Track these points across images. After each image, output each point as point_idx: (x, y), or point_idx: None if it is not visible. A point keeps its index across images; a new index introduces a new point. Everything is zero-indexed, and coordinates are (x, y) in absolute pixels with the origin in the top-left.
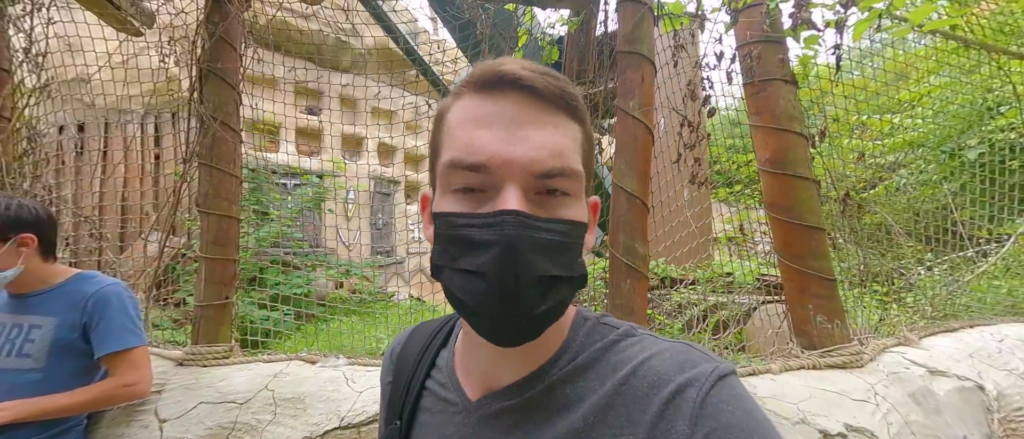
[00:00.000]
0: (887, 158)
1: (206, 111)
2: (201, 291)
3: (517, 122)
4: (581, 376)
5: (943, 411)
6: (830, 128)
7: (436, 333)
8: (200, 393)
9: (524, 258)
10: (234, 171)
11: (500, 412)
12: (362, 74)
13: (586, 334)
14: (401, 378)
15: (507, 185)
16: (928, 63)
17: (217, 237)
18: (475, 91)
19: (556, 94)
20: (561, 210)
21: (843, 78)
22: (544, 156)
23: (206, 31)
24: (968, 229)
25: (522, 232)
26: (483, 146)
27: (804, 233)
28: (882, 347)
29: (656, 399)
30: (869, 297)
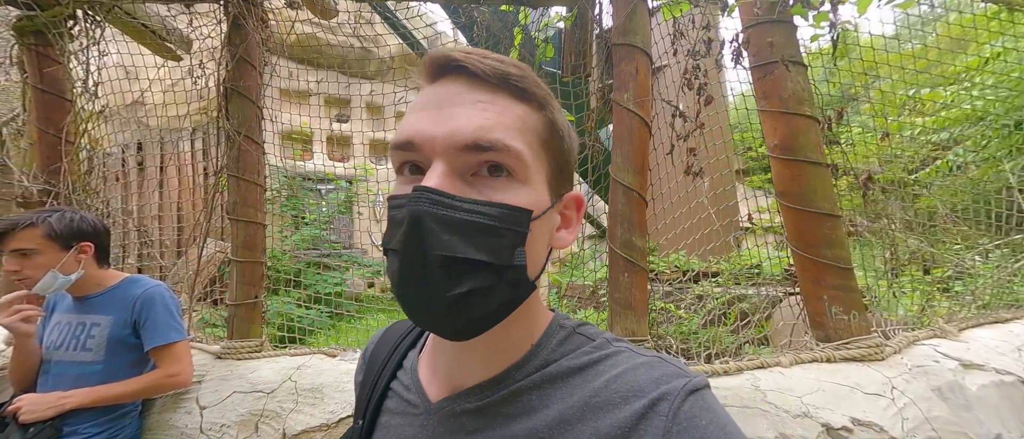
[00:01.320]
0: (940, 135)
1: (231, 126)
2: (234, 291)
3: (448, 102)
4: (550, 384)
5: (974, 407)
6: (878, 105)
7: (407, 333)
8: (234, 384)
9: (430, 235)
10: (258, 180)
11: (460, 414)
12: (387, 80)
13: (560, 342)
14: (370, 377)
15: (432, 163)
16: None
17: (246, 242)
18: (424, 80)
19: (492, 73)
20: (498, 194)
21: (899, 48)
22: (467, 129)
23: (228, 53)
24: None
25: (431, 208)
26: (413, 126)
27: (817, 221)
28: (912, 340)
29: (628, 412)
30: (911, 287)
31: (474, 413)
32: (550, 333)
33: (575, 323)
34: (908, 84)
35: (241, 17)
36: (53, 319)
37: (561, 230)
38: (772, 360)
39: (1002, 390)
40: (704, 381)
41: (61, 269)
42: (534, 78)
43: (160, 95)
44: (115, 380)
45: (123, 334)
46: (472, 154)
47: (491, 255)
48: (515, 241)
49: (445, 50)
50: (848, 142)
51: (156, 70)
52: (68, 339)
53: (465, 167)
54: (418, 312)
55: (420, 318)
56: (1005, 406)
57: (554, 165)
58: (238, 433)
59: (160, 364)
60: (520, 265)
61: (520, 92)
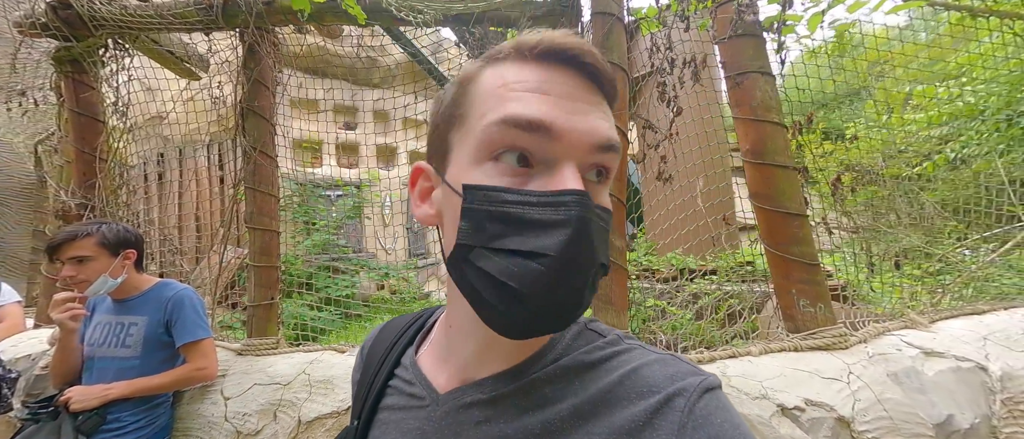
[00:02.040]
0: (941, 130)
1: (248, 143)
2: (252, 294)
3: (574, 97)
4: (564, 379)
5: (928, 391)
6: (880, 103)
7: (404, 330)
8: (254, 377)
9: (589, 243)
10: (273, 192)
11: (471, 405)
12: (393, 88)
13: (573, 337)
14: (367, 376)
15: (564, 162)
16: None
17: (262, 248)
18: (521, 59)
19: (609, 78)
20: (601, 196)
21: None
22: (602, 128)
23: (244, 76)
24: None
25: (592, 216)
26: (543, 109)
27: (786, 220)
28: (881, 330)
29: (643, 408)
30: (896, 280)
31: (486, 404)
32: None
33: (585, 319)
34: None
35: (256, 44)
36: (94, 320)
37: None
38: (743, 350)
39: (959, 375)
40: (718, 380)
41: (111, 273)
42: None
43: (180, 108)
44: (151, 374)
45: (157, 332)
46: (599, 155)
47: (607, 259)
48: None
49: (562, 37)
50: (850, 138)
51: (174, 85)
52: (109, 337)
53: (586, 168)
54: (536, 319)
55: (531, 323)
56: (961, 390)
57: None
58: (259, 421)
59: (189, 359)
60: (606, 264)
61: (613, 101)
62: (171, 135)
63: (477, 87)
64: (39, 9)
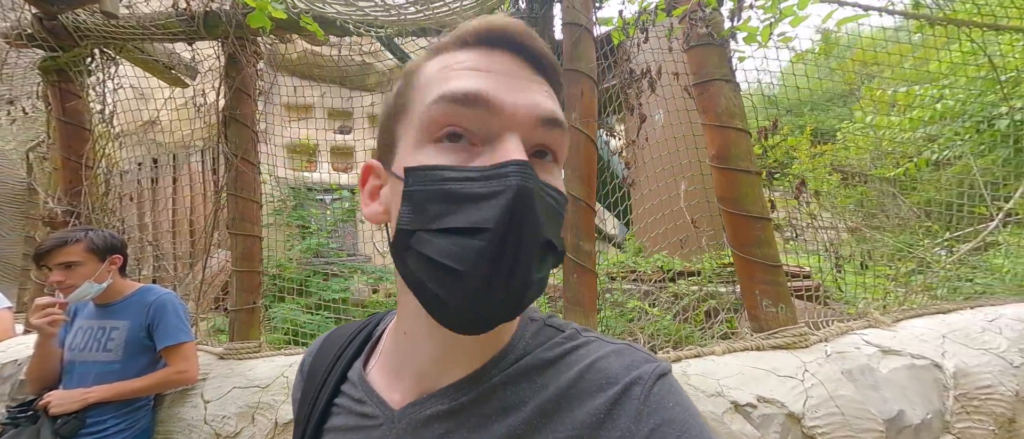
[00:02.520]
0: (916, 134)
1: (230, 150)
2: (234, 298)
3: (512, 75)
4: (524, 379)
5: (881, 387)
6: (866, 104)
7: (349, 341)
8: (234, 380)
9: (532, 214)
10: (254, 198)
11: (430, 419)
12: (387, 91)
13: (532, 335)
14: (308, 395)
15: (507, 135)
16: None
17: (244, 253)
18: (462, 47)
19: (549, 62)
20: (552, 178)
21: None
22: (544, 103)
23: (226, 84)
24: (996, 205)
25: (536, 186)
26: (480, 85)
27: (749, 223)
28: (843, 330)
29: (603, 400)
30: (868, 278)
31: (446, 415)
32: (524, 325)
33: (543, 315)
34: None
35: (236, 54)
36: (76, 324)
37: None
38: (707, 350)
39: (913, 372)
40: (669, 366)
41: (96, 279)
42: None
43: (172, 114)
44: (132, 378)
45: (139, 336)
46: (543, 130)
47: (558, 241)
48: (562, 226)
49: (503, 21)
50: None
51: (165, 91)
52: (91, 341)
53: (531, 144)
54: (481, 301)
55: (478, 304)
56: (913, 387)
57: None
58: (237, 423)
59: (170, 362)
60: (563, 251)
61: (558, 83)
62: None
63: (420, 77)
64: (25, 20)
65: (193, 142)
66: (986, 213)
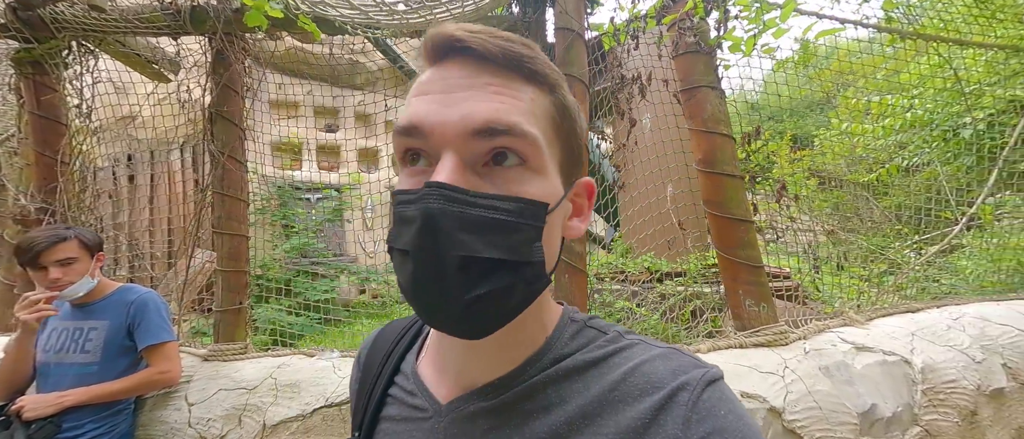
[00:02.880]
0: (888, 140)
1: (216, 148)
2: (219, 299)
3: (455, 86)
4: (566, 379)
5: (855, 382)
6: (842, 112)
7: (402, 335)
8: (219, 382)
9: (444, 236)
10: (242, 196)
11: (474, 414)
12: (375, 90)
13: (572, 336)
14: (365, 386)
15: (442, 154)
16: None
17: (231, 253)
18: (427, 63)
19: (501, 54)
20: (513, 185)
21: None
22: (479, 113)
23: (213, 81)
24: (960, 209)
25: (445, 206)
26: (418, 112)
27: (734, 225)
28: (821, 328)
29: (648, 404)
30: (843, 279)
31: (490, 412)
32: (562, 326)
33: (585, 316)
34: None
35: (224, 50)
36: (49, 326)
37: (573, 218)
38: (693, 348)
39: (885, 368)
40: (720, 372)
41: (90, 274)
42: (544, 58)
43: (152, 110)
44: (110, 379)
45: (119, 337)
46: (484, 140)
47: (509, 252)
48: (533, 236)
49: (446, 29)
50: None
51: (145, 86)
52: (68, 342)
53: (476, 157)
54: (433, 315)
55: (435, 321)
56: (885, 382)
57: (566, 151)
58: (223, 426)
59: (152, 362)
60: (539, 261)
61: (531, 74)
62: (144, 136)
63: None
64: None
65: (174, 139)
66: (952, 217)
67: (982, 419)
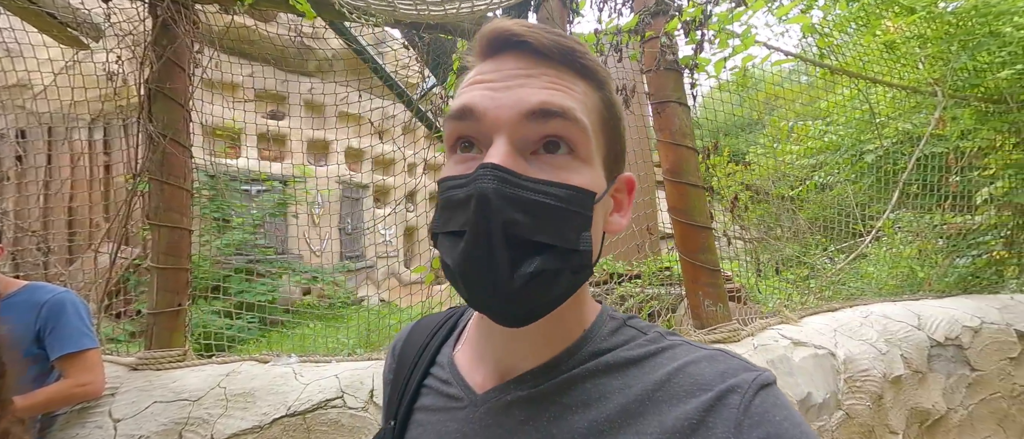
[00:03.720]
0: (808, 160)
1: (156, 129)
2: (154, 299)
3: (511, 76)
4: (606, 374)
5: (796, 374)
6: (772, 131)
7: (438, 327)
8: (154, 393)
9: (497, 213)
10: (184, 185)
11: (511, 404)
12: (328, 79)
13: (611, 333)
14: (400, 376)
15: (495, 139)
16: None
17: (169, 248)
18: (479, 58)
19: (553, 48)
20: (562, 173)
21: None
22: (533, 98)
23: (153, 53)
24: (868, 223)
25: (499, 186)
26: (474, 99)
27: (695, 232)
28: (764, 326)
29: (695, 405)
30: (774, 282)
31: (526, 402)
32: (600, 322)
33: (624, 316)
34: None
35: (171, 21)
36: None
37: (614, 214)
38: None
39: (817, 360)
40: (773, 376)
41: None
42: (594, 56)
43: (52, 77)
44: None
45: (24, 344)
46: (538, 123)
47: (559, 239)
48: (582, 224)
49: (503, 24)
50: (751, 162)
51: (52, 50)
52: None
53: (528, 142)
54: (482, 296)
55: (482, 302)
56: (818, 373)
57: (610, 146)
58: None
59: (69, 374)
60: (586, 250)
61: (582, 68)
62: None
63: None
64: None
65: (79, 115)
66: (860, 229)
67: (886, 402)
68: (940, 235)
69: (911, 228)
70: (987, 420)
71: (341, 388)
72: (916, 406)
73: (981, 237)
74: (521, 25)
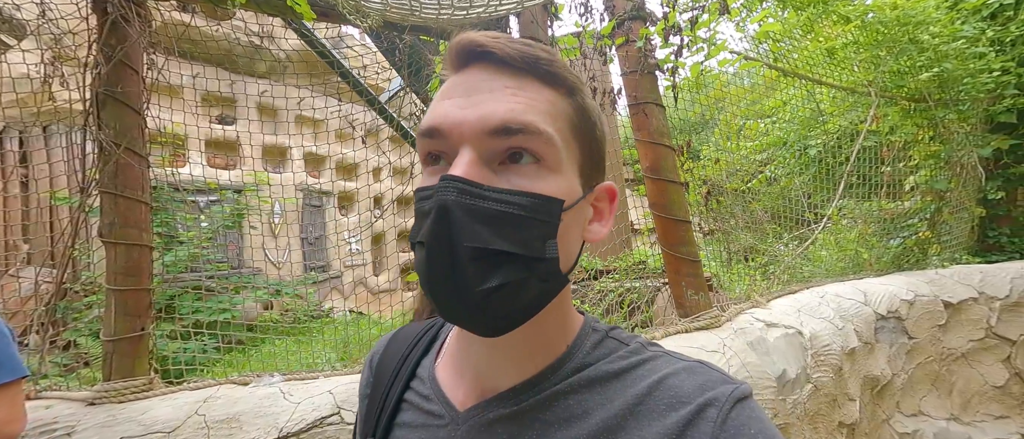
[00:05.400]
0: (759, 156)
1: (107, 137)
2: (112, 325)
3: (475, 88)
4: (588, 389)
5: (771, 353)
6: (724, 129)
7: (417, 339)
8: (119, 429)
9: (457, 225)
10: (143, 197)
11: (493, 421)
12: (282, 81)
13: (594, 346)
14: (378, 391)
15: (459, 151)
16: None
17: (127, 267)
18: (450, 69)
19: (519, 58)
20: (527, 182)
21: (731, 87)
22: (498, 112)
23: (102, 55)
24: (814, 211)
25: (459, 198)
26: (439, 114)
27: (676, 226)
28: (739, 310)
29: (674, 419)
30: (742, 269)
31: (508, 419)
32: (583, 335)
33: (607, 326)
34: (743, 115)
35: (124, 19)
36: None
37: (594, 223)
38: (648, 335)
39: (788, 339)
40: (750, 389)
41: None
42: (563, 62)
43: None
44: None
45: None
46: (501, 138)
47: (522, 247)
48: (546, 232)
49: (469, 36)
50: (706, 159)
51: None
52: None
53: (493, 154)
54: (449, 307)
55: (451, 313)
56: (790, 351)
57: (586, 153)
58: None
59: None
60: (552, 258)
61: (549, 76)
62: None
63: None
64: None
65: None
66: (810, 217)
67: (845, 372)
68: (876, 220)
69: (853, 215)
70: (923, 381)
71: (337, 404)
72: (868, 374)
73: (909, 220)
74: (486, 36)
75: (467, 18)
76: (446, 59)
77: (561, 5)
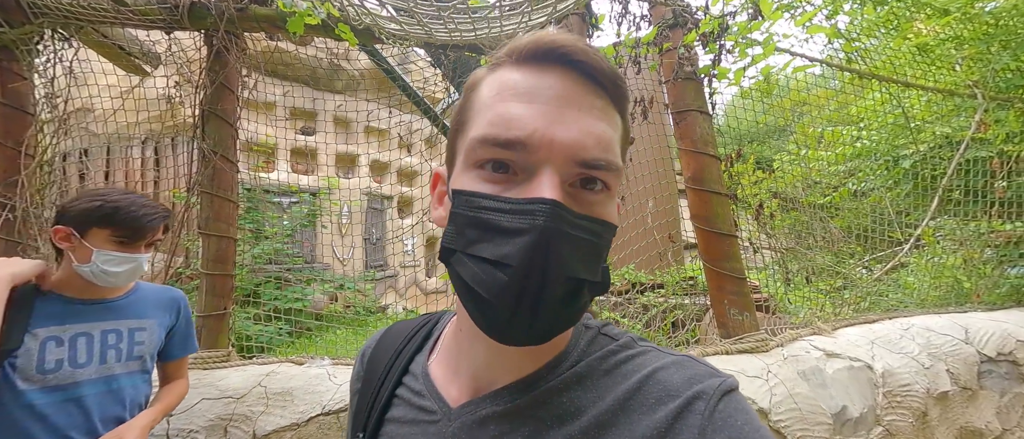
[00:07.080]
0: (840, 167)
1: (207, 146)
2: (202, 303)
3: (563, 100)
4: (580, 386)
5: (829, 386)
6: (799, 139)
7: (411, 336)
8: (202, 391)
9: (556, 254)
10: (231, 197)
11: (485, 419)
12: (355, 96)
13: (588, 343)
14: (370, 385)
15: (544, 169)
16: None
17: (217, 256)
18: (516, 64)
19: (608, 75)
20: (596, 207)
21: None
22: (590, 143)
23: (208, 79)
24: (905, 231)
25: (559, 226)
26: (523, 121)
27: (720, 240)
28: (794, 336)
29: (663, 414)
30: (805, 292)
31: (501, 416)
32: (578, 333)
33: (599, 323)
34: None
35: (224, 49)
36: (46, 335)
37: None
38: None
39: (852, 373)
40: (736, 382)
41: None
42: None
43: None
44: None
45: (161, 340)
46: (585, 169)
47: (592, 273)
48: (604, 256)
49: (551, 36)
50: (778, 170)
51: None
52: (107, 351)
53: (571, 177)
54: (510, 329)
55: (508, 333)
56: (853, 385)
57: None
58: (206, 437)
59: (180, 374)
60: (607, 281)
61: (619, 98)
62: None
63: (477, 95)
64: None
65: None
66: (899, 237)
67: (931, 419)
68: (987, 244)
69: (954, 236)
70: None
71: None
72: (966, 425)
73: None
74: (574, 39)
75: (503, 32)
76: (513, 50)
77: (602, 16)
